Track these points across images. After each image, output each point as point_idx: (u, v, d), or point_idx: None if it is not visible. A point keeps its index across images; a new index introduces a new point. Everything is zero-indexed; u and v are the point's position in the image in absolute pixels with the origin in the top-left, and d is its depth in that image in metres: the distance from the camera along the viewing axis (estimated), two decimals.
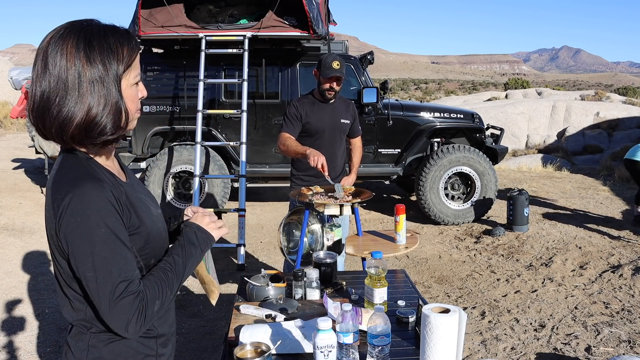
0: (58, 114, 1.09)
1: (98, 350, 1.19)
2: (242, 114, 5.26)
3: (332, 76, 3.23)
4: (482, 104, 18.41)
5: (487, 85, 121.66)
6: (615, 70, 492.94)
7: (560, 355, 3.21)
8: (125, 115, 1.16)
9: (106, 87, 1.12)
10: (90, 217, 1.09)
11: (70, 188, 1.10)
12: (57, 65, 1.09)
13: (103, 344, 1.19)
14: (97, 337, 1.19)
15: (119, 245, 1.12)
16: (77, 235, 1.09)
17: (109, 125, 1.13)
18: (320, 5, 5.53)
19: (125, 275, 1.11)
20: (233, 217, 5.81)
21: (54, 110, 1.09)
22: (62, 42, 1.10)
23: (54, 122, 1.10)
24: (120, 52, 1.13)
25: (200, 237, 1.30)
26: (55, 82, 1.09)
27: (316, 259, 2.41)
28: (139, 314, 1.12)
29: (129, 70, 1.16)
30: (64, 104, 1.09)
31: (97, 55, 1.10)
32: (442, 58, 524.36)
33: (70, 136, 1.12)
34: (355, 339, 1.61)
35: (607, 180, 8.56)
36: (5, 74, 10.03)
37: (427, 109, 6.45)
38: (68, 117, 1.09)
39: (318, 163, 2.94)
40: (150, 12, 5.44)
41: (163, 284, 1.18)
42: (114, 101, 1.13)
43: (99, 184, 1.13)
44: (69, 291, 1.18)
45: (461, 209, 6.11)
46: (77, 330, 1.20)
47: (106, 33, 1.13)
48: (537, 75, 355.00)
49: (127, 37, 1.16)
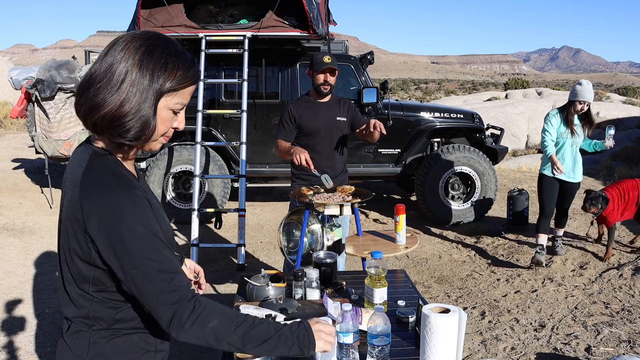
0: (93, 97, 1.13)
1: (99, 347, 1.20)
2: (242, 114, 5.26)
3: (325, 68, 3.24)
4: (482, 104, 18.42)
5: (487, 85, 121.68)
6: (615, 70, 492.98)
7: (560, 355, 3.21)
8: (150, 131, 1.18)
9: (144, 96, 1.14)
10: (129, 217, 1.11)
11: (105, 190, 1.13)
12: (113, 56, 1.14)
13: (105, 340, 1.20)
14: (99, 334, 1.20)
15: (159, 242, 1.15)
16: (118, 236, 1.10)
17: (132, 131, 1.15)
18: (320, 5, 5.53)
19: (169, 269, 1.14)
20: (233, 217, 5.81)
21: (91, 92, 1.13)
22: (130, 41, 1.16)
23: (87, 102, 1.14)
24: (173, 73, 1.17)
25: (302, 335, 1.23)
26: (105, 69, 1.14)
27: (316, 259, 2.41)
28: (189, 313, 1.13)
29: (174, 94, 1.19)
30: (101, 90, 1.13)
31: (150, 66, 1.14)
32: (442, 58, 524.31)
33: (93, 122, 1.15)
34: (355, 339, 1.61)
35: (607, 180, 8.55)
36: (5, 74, 10.04)
37: (427, 109, 6.45)
38: (99, 103, 1.13)
39: (302, 160, 2.98)
40: (150, 12, 5.44)
41: (231, 316, 1.18)
42: (145, 112, 1.15)
43: (133, 186, 1.16)
44: (74, 290, 1.19)
45: (461, 209, 6.11)
46: (76, 328, 1.21)
47: (170, 53, 1.17)
48: (537, 75, 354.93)
49: (188, 66, 1.20)
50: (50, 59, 6.26)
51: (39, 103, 5.96)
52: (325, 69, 3.24)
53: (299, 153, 3.02)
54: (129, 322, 1.22)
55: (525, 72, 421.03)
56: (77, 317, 1.20)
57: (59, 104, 5.97)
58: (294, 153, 3.04)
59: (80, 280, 1.18)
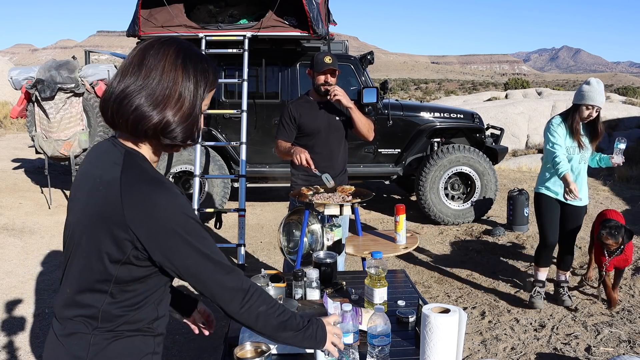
0: (136, 109, 1.16)
1: (101, 349, 1.19)
2: (242, 114, 5.26)
3: (326, 69, 3.24)
4: (482, 104, 18.42)
5: (487, 85, 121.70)
6: (615, 70, 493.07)
7: (560, 355, 3.21)
8: (197, 130, 1.24)
9: (192, 101, 1.20)
10: (181, 212, 1.17)
11: (153, 187, 1.16)
12: (153, 66, 1.17)
13: (107, 342, 1.20)
14: (102, 336, 1.20)
15: (205, 232, 1.22)
16: (170, 229, 1.15)
17: (181, 134, 1.21)
18: (320, 5, 5.52)
19: (223, 256, 1.23)
20: (233, 217, 5.81)
21: (133, 104, 1.16)
22: (163, 49, 1.20)
23: (134, 112, 1.16)
24: (208, 76, 1.24)
25: (320, 333, 1.40)
26: (146, 80, 1.16)
27: (316, 259, 2.41)
28: (244, 293, 1.25)
29: (208, 95, 1.26)
30: (145, 102, 1.16)
31: (192, 71, 1.21)
32: (442, 58, 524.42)
33: (144, 130, 1.18)
34: (355, 339, 1.61)
35: (607, 180, 8.56)
36: (5, 74, 10.03)
37: (427, 109, 6.45)
38: (145, 115, 1.16)
39: (302, 160, 3.00)
40: (150, 12, 5.45)
41: (274, 305, 1.31)
42: (194, 114, 1.22)
43: (170, 183, 1.21)
44: (86, 290, 1.19)
45: (461, 209, 6.11)
46: (75, 329, 1.20)
47: (201, 56, 1.24)
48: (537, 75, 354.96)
49: (214, 68, 1.28)
50: (50, 59, 6.27)
51: (39, 103, 5.96)
52: (326, 70, 3.24)
53: (299, 153, 3.03)
54: (136, 323, 1.23)
55: (525, 72, 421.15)
56: (80, 317, 1.20)
57: (59, 104, 5.97)
58: (294, 153, 3.05)
59: (101, 281, 1.17)
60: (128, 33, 5.65)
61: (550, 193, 3.78)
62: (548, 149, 3.64)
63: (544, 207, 3.81)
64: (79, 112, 6.07)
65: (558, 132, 3.63)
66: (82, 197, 1.22)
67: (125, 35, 5.73)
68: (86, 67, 6.14)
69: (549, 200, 3.79)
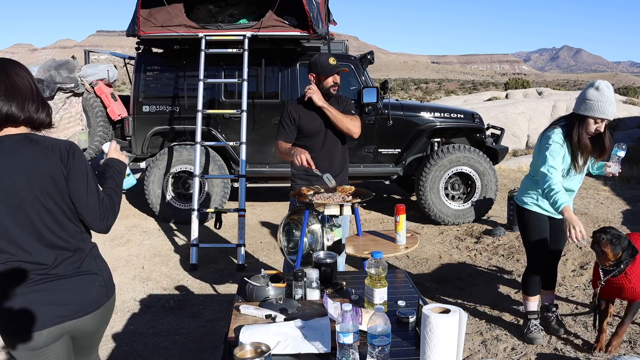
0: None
1: (101, 260, 1.87)
2: (242, 114, 5.26)
3: (335, 71, 3.28)
4: (482, 103, 18.42)
5: (488, 85, 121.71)
6: (615, 70, 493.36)
7: (560, 355, 3.21)
8: None
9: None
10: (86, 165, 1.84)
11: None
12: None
13: (100, 258, 1.88)
14: (97, 251, 1.89)
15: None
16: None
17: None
18: (320, 5, 5.52)
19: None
20: (233, 217, 5.81)
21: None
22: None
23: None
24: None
25: (120, 165, 2.04)
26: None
27: (316, 259, 2.41)
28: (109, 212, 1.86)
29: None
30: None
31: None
32: (442, 58, 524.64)
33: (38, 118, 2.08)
34: (355, 339, 1.61)
35: (607, 181, 8.56)
36: None
37: (427, 109, 6.45)
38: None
39: (303, 161, 3.01)
40: (150, 11, 5.44)
41: (118, 193, 1.95)
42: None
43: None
44: (70, 230, 1.77)
45: (461, 209, 6.10)
46: (79, 257, 1.78)
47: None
48: (538, 75, 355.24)
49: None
50: (49, 59, 6.26)
51: None
52: (335, 72, 3.28)
53: (300, 154, 3.03)
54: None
55: (526, 72, 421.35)
56: (77, 250, 1.78)
57: (59, 104, 5.97)
58: (294, 154, 3.05)
59: (76, 219, 1.78)
60: (128, 33, 5.65)
61: (542, 210, 3.22)
62: (543, 171, 2.95)
63: (534, 226, 3.22)
64: (78, 112, 6.07)
65: (558, 152, 2.99)
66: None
67: (125, 35, 5.73)
68: (86, 67, 6.14)
69: (540, 218, 3.22)
